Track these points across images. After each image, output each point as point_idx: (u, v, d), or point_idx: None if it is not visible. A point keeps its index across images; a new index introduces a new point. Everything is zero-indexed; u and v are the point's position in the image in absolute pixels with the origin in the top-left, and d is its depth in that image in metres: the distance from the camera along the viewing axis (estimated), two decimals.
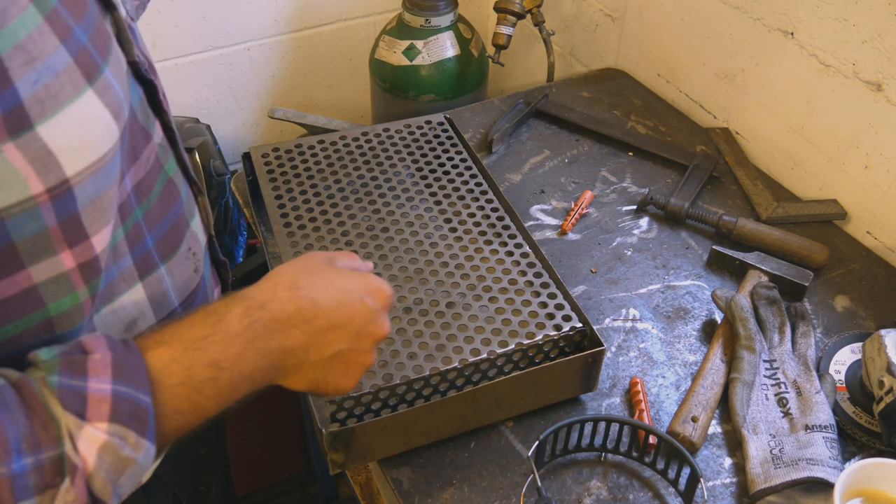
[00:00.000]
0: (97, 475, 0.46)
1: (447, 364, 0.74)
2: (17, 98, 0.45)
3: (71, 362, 0.48)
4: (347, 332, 0.57)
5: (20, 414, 0.44)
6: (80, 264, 0.53)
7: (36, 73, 0.46)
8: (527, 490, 0.75)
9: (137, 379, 0.48)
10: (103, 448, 0.46)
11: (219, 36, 1.50)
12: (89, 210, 0.52)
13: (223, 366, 0.52)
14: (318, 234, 0.88)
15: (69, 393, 0.46)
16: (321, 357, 0.57)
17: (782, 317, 0.89)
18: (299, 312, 0.55)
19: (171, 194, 0.67)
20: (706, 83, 1.27)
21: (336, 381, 0.59)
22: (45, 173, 0.48)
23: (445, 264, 0.85)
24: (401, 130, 1.06)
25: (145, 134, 0.62)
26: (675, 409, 0.84)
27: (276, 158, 0.99)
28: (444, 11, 1.40)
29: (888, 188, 1.02)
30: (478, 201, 0.94)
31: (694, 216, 1.07)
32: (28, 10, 0.46)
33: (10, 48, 0.45)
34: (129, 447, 0.47)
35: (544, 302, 0.81)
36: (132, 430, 0.47)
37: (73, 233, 0.51)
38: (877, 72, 0.99)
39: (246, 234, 1.52)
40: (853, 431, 0.81)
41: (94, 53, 0.51)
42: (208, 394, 0.52)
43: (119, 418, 0.47)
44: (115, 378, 0.48)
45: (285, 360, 0.55)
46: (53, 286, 0.52)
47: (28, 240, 0.49)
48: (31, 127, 0.46)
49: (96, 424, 0.46)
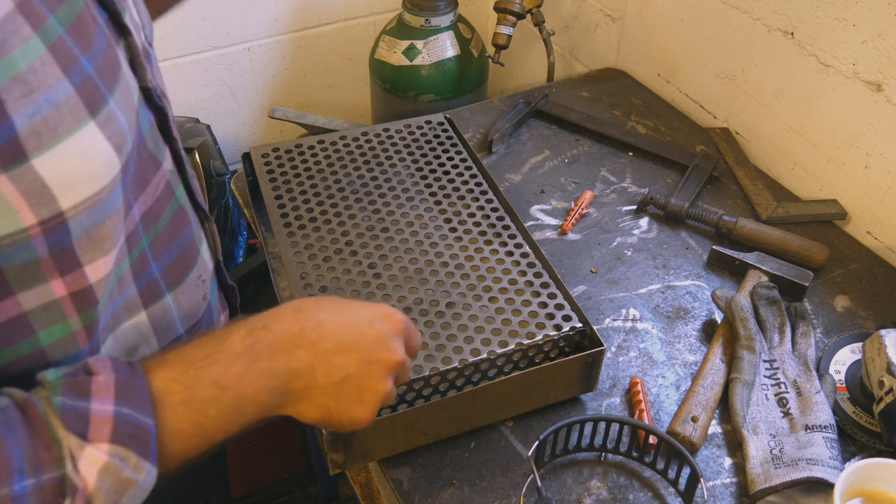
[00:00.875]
0: (97, 496, 0.46)
1: (447, 364, 0.74)
2: (13, 131, 0.44)
3: (75, 384, 0.48)
4: (356, 356, 0.56)
5: (23, 434, 0.44)
6: (72, 293, 0.52)
7: (34, 106, 0.45)
8: (527, 490, 0.75)
9: (140, 401, 0.48)
10: (104, 469, 0.46)
11: (219, 36, 1.50)
12: (83, 241, 0.51)
13: (225, 385, 0.51)
14: (318, 234, 0.88)
15: (72, 414, 0.46)
16: (330, 381, 0.55)
17: (782, 317, 0.89)
18: (303, 333, 0.54)
19: (181, 221, 0.66)
20: (706, 83, 1.27)
21: (350, 410, 0.56)
22: (39, 206, 0.47)
23: (445, 264, 0.85)
24: (401, 130, 1.06)
25: (155, 161, 0.61)
26: (675, 409, 0.84)
27: (276, 158, 0.99)
28: (444, 11, 1.40)
29: (888, 188, 1.02)
30: (478, 201, 0.94)
31: (694, 216, 1.07)
32: (31, 40, 0.45)
33: (6, 80, 0.44)
34: (130, 468, 0.47)
35: (544, 302, 0.81)
36: (133, 451, 0.47)
37: (65, 262, 0.50)
38: (877, 72, 0.99)
39: (246, 234, 1.52)
40: (853, 431, 0.81)
41: (99, 83, 0.50)
42: (211, 414, 0.51)
43: (120, 440, 0.47)
44: (118, 400, 0.48)
45: (291, 382, 0.54)
46: (44, 314, 0.51)
47: (16, 268, 0.48)
48: (25, 160, 0.45)
49: (98, 445, 0.46)
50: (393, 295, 0.81)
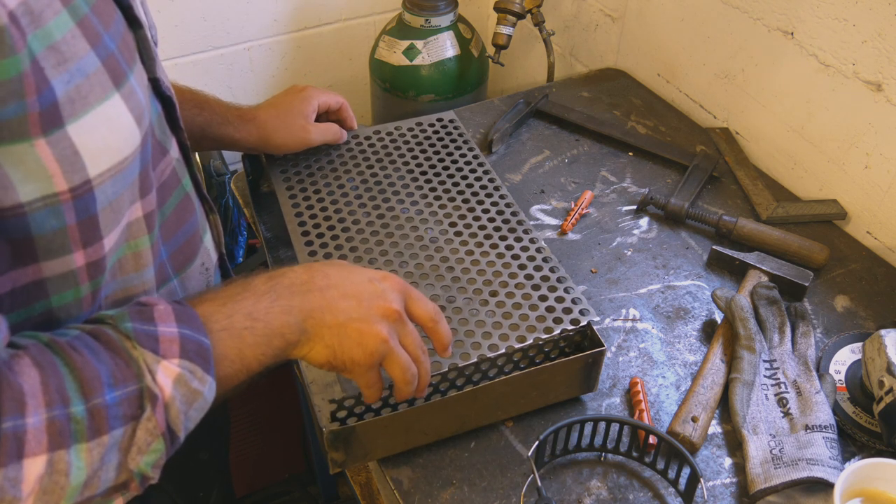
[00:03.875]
0: (172, 405, 0.52)
1: (466, 359, 0.75)
2: (54, 96, 0.48)
3: (140, 311, 0.54)
4: (357, 301, 0.62)
5: (105, 354, 0.50)
6: (88, 263, 0.56)
7: (69, 74, 0.49)
8: (527, 490, 0.75)
9: (196, 324, 0.54)
10: (177, 380, 0.52)
11: (219, 36, 1.50)
12: (107, 212, 0.55)
13: (256, 316, 0.57)
14: (332, 232, 0.89)
15: (143, 335, 0.52)
16: (336, 322, 0.61)
17: (782, 317, 0.89)
18: (313, 280, 0.62)
19: (187, 209, 0.70)
20: (706, 83, 1.27)
21: (351, 351, 0.61)
22: (71, 172, 0.51)
23: (461, 260, 0.86)
24: (412, 128, 1.07)
25: (162, 149, 0.65)
26: (675, 409, 0.84)
27: (289, 158, 1.00)
28: (444, 11, 1.40)
29: (888, 188, 1.02)
30: (491, 197, 0.95)
31: (694, 216, 1.07)
32: (62, 14, 0.49)
33: (45, 48, 0.47)
34: (197, 380, 0.53)
35: (561, 297, 0.81)
36: (198, 365, 0.53)
37: (88, 233, 0.54)
38: (877, 72, 0.99)
39: (246, 234, 1.52)
40: (853, 431, 0.81)
41: (121, 60, 0.54)
42: (248, 341, 0.57)
43: (187, 355, 0.53)
44: (179, 322, 0.54)
45: (306, 320, 0.60)
46: (60, 281, 0.55)
47: (46, 235, 0.52)
48: (62, 125, 0.49)
49: (170, 360, 0.52)
50: None
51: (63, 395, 0.47)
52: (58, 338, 0.50)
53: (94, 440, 0.48)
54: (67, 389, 0.47)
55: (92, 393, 0.48)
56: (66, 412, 0.47)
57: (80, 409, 0.47)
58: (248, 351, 0.57)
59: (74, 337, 0.51)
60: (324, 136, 0.98)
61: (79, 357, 0.49)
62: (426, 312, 0.66)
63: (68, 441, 0.47)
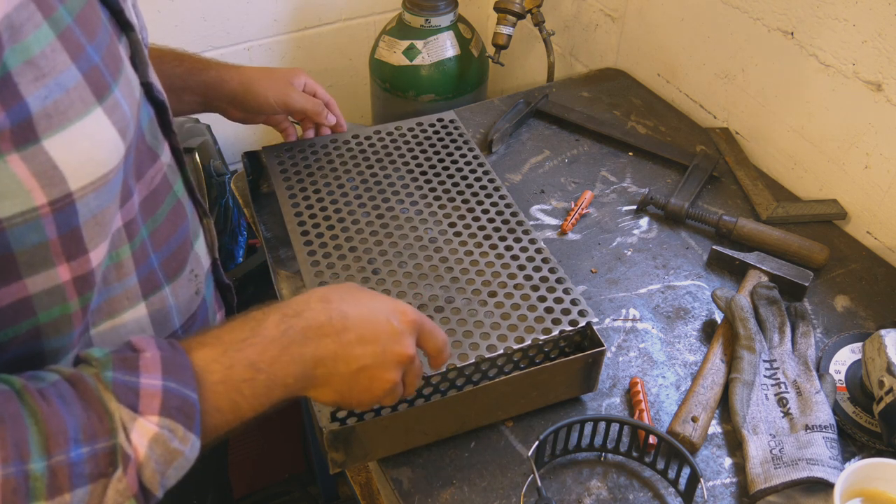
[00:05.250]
0: (147, 465, 0.48)
1: (464, 360, 0.75)
2: (27, 112, 0.47)
3: (124, 359, 0.50)
4: (374, 348, 0.60)
5: (77, 406, 0.47)
6: (75, 277, 0.54)
7: (46, 89, 0.47)
8: (527, 490, 0.75)
9: (185, 376, 0.51)
10: (154, 440, 0.49)
11: (219, 36, 1.50)
12: (90, 224, 0.53)
13: (260, 367, 0.54)
14: (332, 232, 0.89)
15: (123, 387, 0.49)
16: (348, 370, 0.59)
17: (782, 317, 0.89)
18: (330, 323, 0.58)
19: (179, 215, 0.68)
20: (706, 83, 1.27)
21: (360, 396, 0.61)
22: (49, 186, 0.49)
23: (460, 261, 0.86)
24: (413, 128, 1.07)
25: (152, 154, 0.63)
26: (675, 409, 0.84)
27: (290, 157, 1.00)
28: (444, 11, 1.40)
29: (888, 188, 1.02)
30: (491, 198, 0.95)
31: (694, 216, 1.07)
32: (42, 27, 0.47)
33: (21, 64, 0.46)
34: (178, 440, 0.50)
35: (560, 297, 0.81)
36: (180, 423, 0.50)
37: (72, 246, 0.53)
38: (877, 72, 0.99)
39: (246, 234, 1.52)
40: (853, 431, 0.81)
41: (105, 73, 0.53)
42: (246, 394, 0.54)
43: (169, 412, 0.49)
44: (165, 374, 0.50)
45: (316, 368, 0.58)
46: (47, 297, 0.53)
47: (27, 251, 0.50)
48: (36, 140, 0.48)
49: (148, 417, 0.48)
50: (408, 292, 0.82)
51: (22, 450, 0.44)
52: (31, 384, 0.47)
53: (55, 499, 0.45)
54: (29, 444, 0.44)
55: (56, 448, 0.45)
56: (23, 469, 0.44)
57: (41, 466, 0.44)
58: (244, 403, 0.54)
59: (50, 384, 0.48)
60: (305, 103, 0.97)
61: (48, 408, 0.46)
62: (435, 347, 0.65)
63: (24, 500, 0.44)
